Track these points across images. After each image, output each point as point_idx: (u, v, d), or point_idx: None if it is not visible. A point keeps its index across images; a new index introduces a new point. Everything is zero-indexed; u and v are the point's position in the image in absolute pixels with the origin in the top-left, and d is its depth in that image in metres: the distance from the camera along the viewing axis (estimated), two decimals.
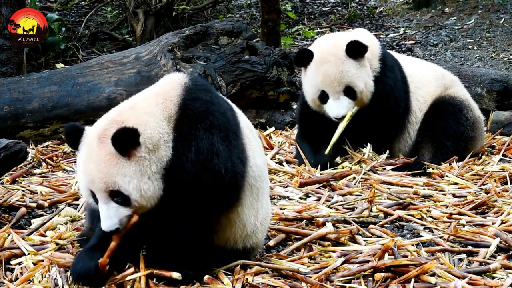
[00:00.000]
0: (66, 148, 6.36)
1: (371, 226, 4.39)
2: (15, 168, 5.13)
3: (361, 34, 5.86)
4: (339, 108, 5.56)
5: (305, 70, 5.72)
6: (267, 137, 6.55)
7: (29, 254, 3.79)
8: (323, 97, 5.62)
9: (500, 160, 5.89)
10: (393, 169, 5.57)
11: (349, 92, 5.57)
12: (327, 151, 5.61)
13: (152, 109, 3.42)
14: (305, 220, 4.39)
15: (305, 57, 5.65)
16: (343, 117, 5.56)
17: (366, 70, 5.63)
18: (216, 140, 3.44)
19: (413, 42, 11.75)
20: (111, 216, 3.36)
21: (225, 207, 3.54)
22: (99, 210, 3.41)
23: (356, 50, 5.54)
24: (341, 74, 5.54)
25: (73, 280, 3.46)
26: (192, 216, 3.45)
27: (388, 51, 6.05)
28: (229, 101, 3.74)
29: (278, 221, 4.34)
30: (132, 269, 3.47)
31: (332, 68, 5.55)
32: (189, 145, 3.40)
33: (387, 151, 5.77)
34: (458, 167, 5.63)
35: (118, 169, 3.31)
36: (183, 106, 3.46)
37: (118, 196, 3.35)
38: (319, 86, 5.60)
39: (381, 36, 12.06)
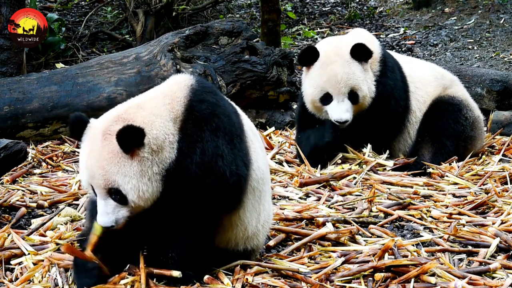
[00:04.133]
0: (66, 148, 6.36)
1: (371, 226, 4.39)
2: (15, 168, 5.13)
3: (361, 35, 5.83)
4: (342, 112, 5.47)
5: (307, 70, 5.63)
6: (267, 137, 6.55)
7: (29, 254, 3.79)
8: (326, 98, 5.54)
9: (500, 160, 5.88)
10: (393, 169, 5.57)
11: (352, 96, 5.52)
12: None
13: (159, 109, 3.42)
14: (305, 220, 4.38)
15: (311, 56, 5.56)
16: (346, 122, 5.50)
17: (369, 75, 5.59)
18: (221, 142, 3.45)
19: (413, 42, 11.75)
20: (108, 213, 3.38)
21: (227, 209, 3.55)
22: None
23: (361, 53, 5.49)
24: (348, 75, 5.48)
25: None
26: (194, 217, 3.46)
27: (388, 51, 6.03)
28: (233, 103, 3.75)
29: (278, 221, 4.34)
30: (132, 269, 3.48)
31: (338, 69, 5.48)
32: (194, 147, 3.40)
33: (387, 151, 5.77)
34: (458, 167, 5.63)
35: (119, 168, 3.31)
36: (190, 108, 3.46)
37: (116, 194, 3.35)
38: (323, 86, 5.52)
39: (381, 36, 12.05)
